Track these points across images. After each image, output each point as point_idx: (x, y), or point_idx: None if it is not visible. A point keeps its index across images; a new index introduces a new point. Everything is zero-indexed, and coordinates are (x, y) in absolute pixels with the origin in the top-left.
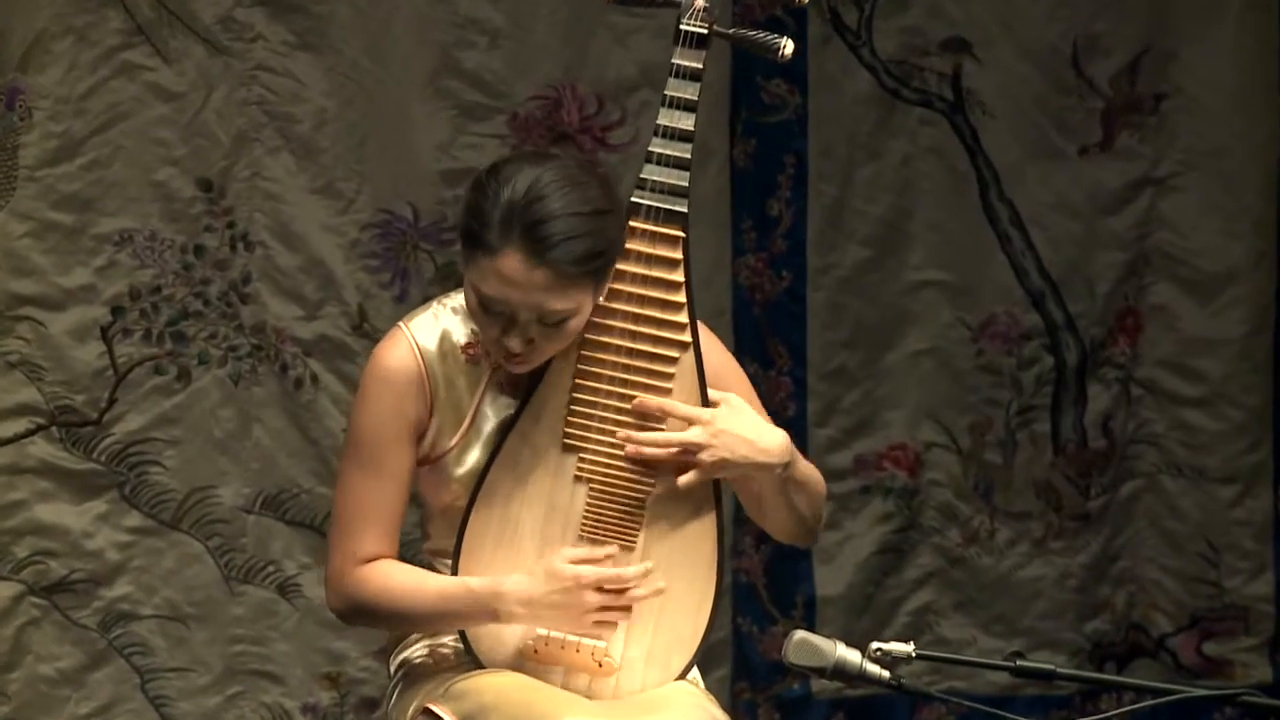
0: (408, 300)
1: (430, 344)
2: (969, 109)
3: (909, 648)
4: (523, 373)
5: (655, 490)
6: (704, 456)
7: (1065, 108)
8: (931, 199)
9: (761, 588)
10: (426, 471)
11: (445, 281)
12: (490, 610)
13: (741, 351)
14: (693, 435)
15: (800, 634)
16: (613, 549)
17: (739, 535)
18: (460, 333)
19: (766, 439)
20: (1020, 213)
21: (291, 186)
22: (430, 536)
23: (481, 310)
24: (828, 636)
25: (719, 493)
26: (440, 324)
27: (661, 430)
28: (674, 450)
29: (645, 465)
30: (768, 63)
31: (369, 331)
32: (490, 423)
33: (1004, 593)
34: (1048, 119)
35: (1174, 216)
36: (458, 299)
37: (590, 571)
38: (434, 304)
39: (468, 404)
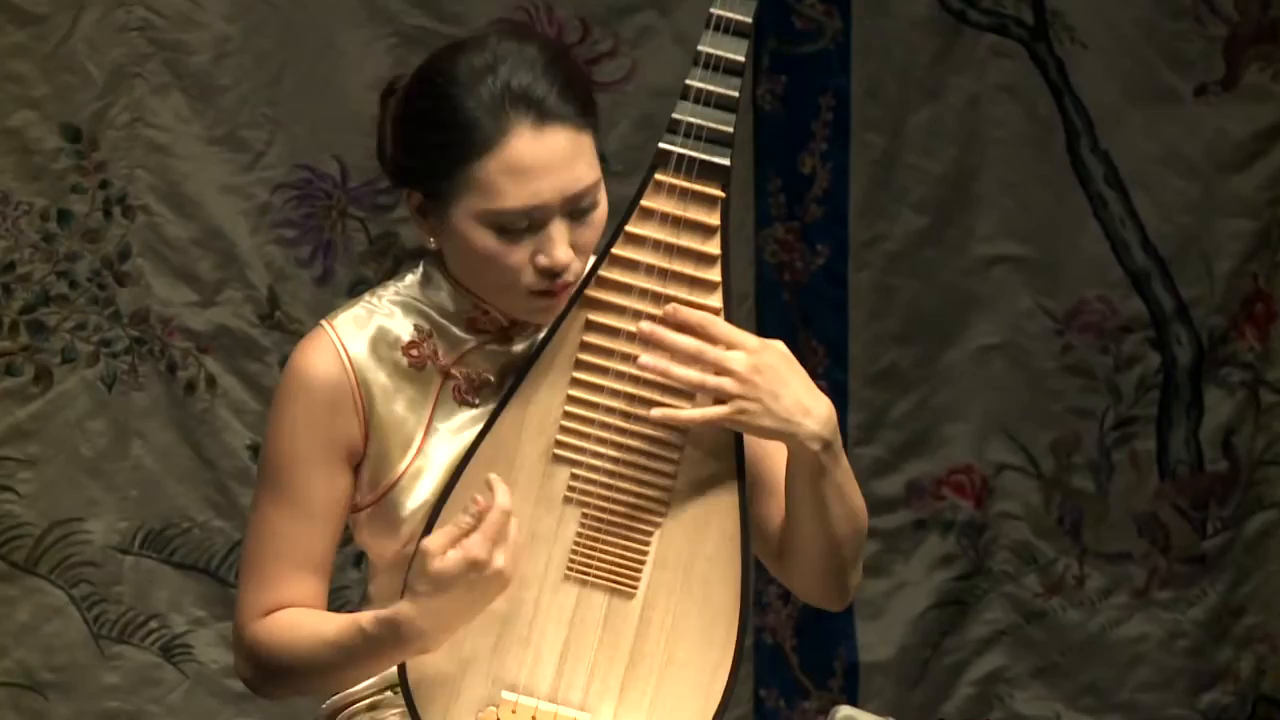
0: (332, 282)
1: (360, 347)
2: (1055, 36)
3: None
4: (562, 303)
5: (666, 519)
6: (735, 389)
7: (1178, 35)
8: (1006, 152)
9: (790, 651)
10: (368, 516)
11: (381, 258)
12: (398, 640)
13: None
14: (731, 360)
15: (845, 710)
16: (472, 512)
17: (761, 583)
18: (400, 330)
19: (813, 400)
20: (1119, 169)
21: (183, 136)
22: (373, 599)
23: (501, 243)
24: (878, 713)
25: (746, 526)
26: (374, 321)
27: (676, 450)
28: (702, 370)
29: (655, 395)
30: None
31: (281, 322)
32: (447, 441)
33: (1096, 656)
34: (1155, 49)
35: None
36: (394, 290)
37: (474, 539)
38: (364, 297)
39: (416, 421)
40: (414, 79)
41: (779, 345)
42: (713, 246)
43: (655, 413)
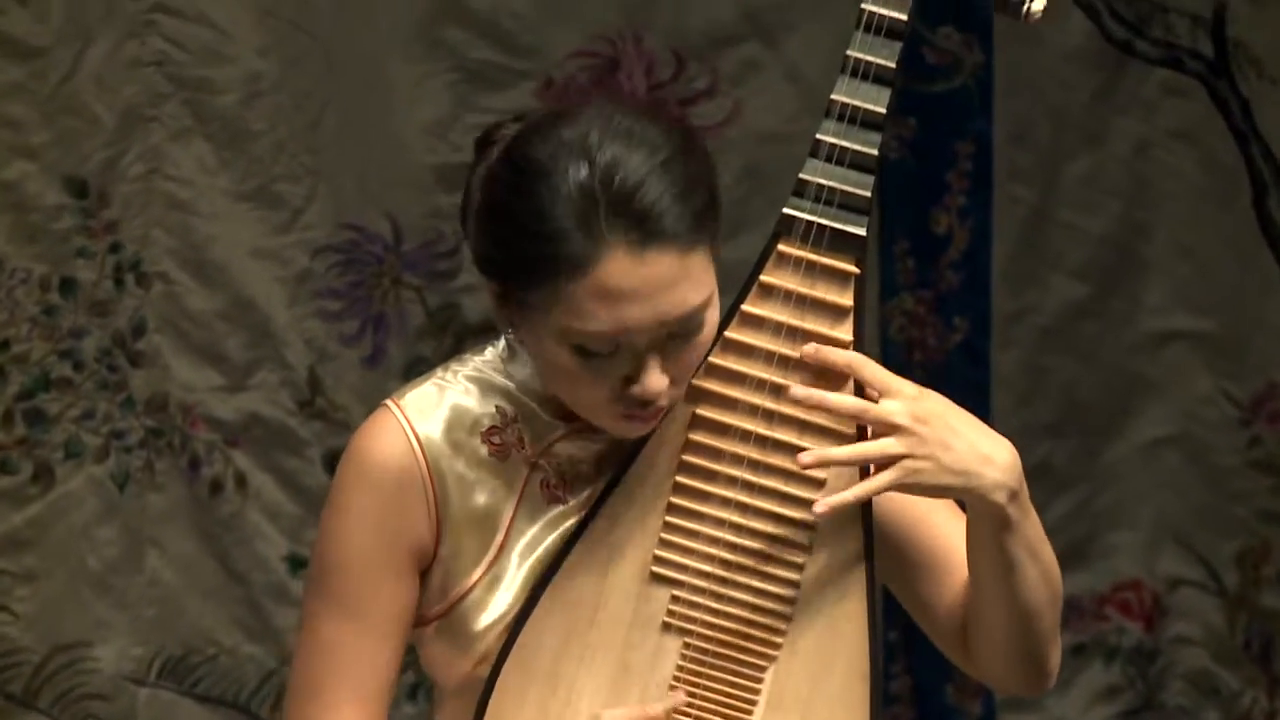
0: (383, 362)
1: (434, 430)
2: (1238, 71)
3: None
4: (652, 427)
5: (783, 651)
6: (901, 448)
7: None
8: (1181, 208)
9: None
10: (435, 631)
11: (441, 334)
12: None
13: None
14: (889, 412)
15: None
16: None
17: (891, 712)
18: (480, 413)
19: (992, 444)
20: None
21: (208, 190)
22: None
23: (584, 364)
24: None
25: (876, 662)
26: (448, 401)
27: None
28: (852, 416)
29: (799, 436)
30: (935, 3)
31: (324, 410)
32: (531, 544)
33: None
34: None
35: None
36: (472, 365)
37: None
38: (436, 374)
39: (496, 519)
40: (501, 157)
41: (934, 393)
42: (844, 331)
43: (819, 506)
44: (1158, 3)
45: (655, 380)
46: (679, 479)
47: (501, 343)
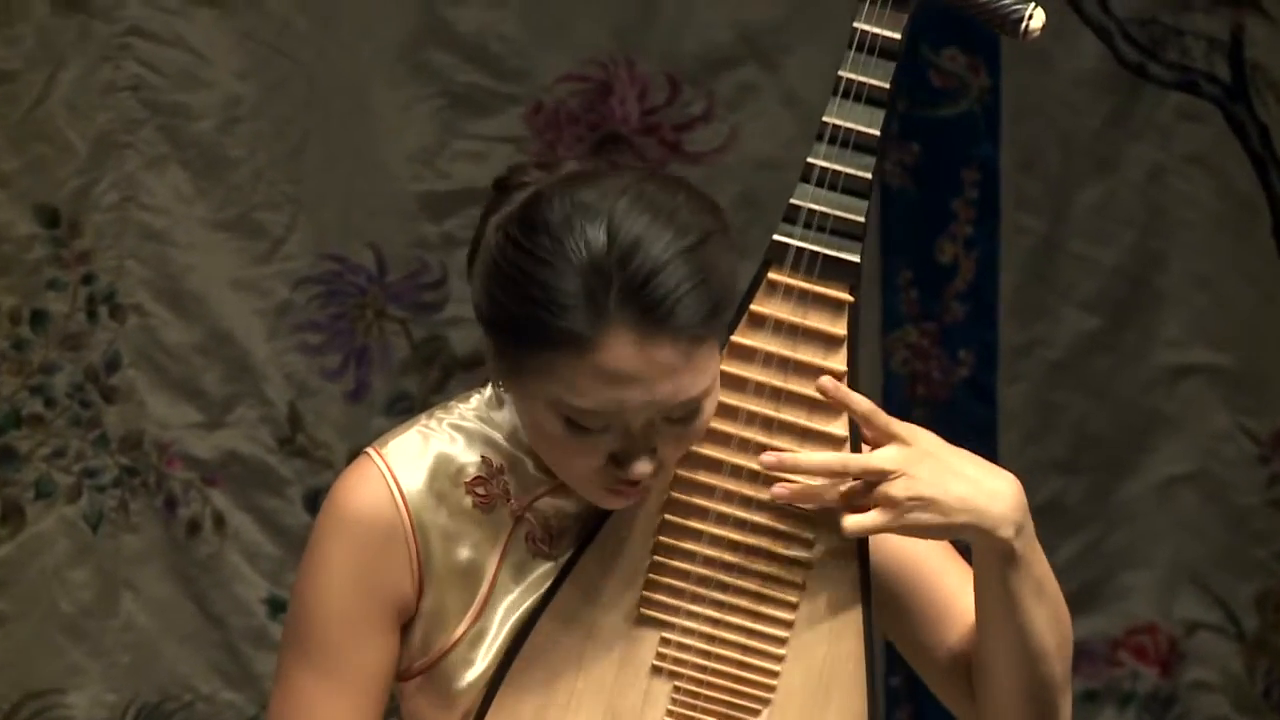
0: (367, 398)
1: (416, 480)
2: (1256, 95)
3: None
4: (634, 502)
5: (776, 695)
6: (895, 490)
7: None
8: (1197, 237)
9: None
10: (418, 686)
11: (426, 368)
12: None
13: None
14: (883, 457)
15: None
16: None
17: None
18: (465, 462)
19: (993, 478)
20: None
21: (185, 219)
22: None
23: (572, 436)
24: None
25: (875, 702)
26: (432, 450)
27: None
28: (848, 477)
29: (788, 515)
30: (940, 25)
31: (304, 447)
32: (516, 599)
33: None
34: None
35: None
36: (457, 412)
37: None
38: (420, 420)
39: (480, 573)
40: (519, 210)
41: (928, 432)
42: (837, 361)
43: (852, 524)
44: (1172, 25)
45: (643, 465)
46: (667, 516)
47: (489, 390)
